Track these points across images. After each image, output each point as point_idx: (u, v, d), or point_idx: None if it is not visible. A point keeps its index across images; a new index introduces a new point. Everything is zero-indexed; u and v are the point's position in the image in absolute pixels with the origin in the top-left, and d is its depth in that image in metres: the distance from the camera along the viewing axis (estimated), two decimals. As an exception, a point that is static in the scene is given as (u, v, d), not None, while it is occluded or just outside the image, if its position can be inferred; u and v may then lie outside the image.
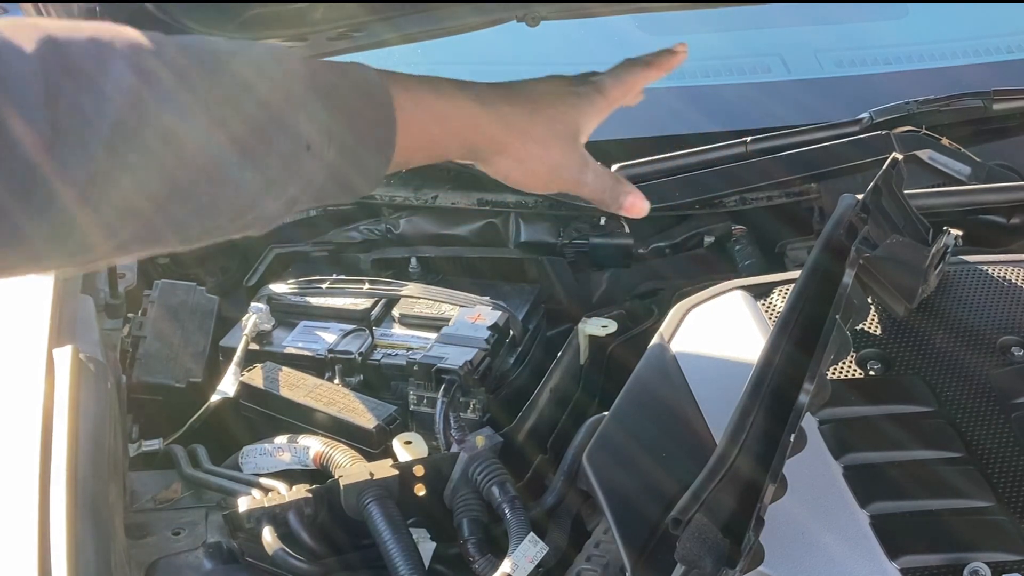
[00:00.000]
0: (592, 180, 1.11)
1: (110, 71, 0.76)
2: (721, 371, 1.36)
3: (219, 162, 0.81)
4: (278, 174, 0.85)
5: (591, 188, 1.12)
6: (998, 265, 1.51)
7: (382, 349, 1.60)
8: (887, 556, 1.13)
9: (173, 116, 0.78)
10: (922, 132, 1.88)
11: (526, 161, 1.07)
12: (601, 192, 1.12)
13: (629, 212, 1.14)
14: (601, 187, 1.12)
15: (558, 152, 1.08)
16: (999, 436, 1.27)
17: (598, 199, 1.13)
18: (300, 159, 0.86)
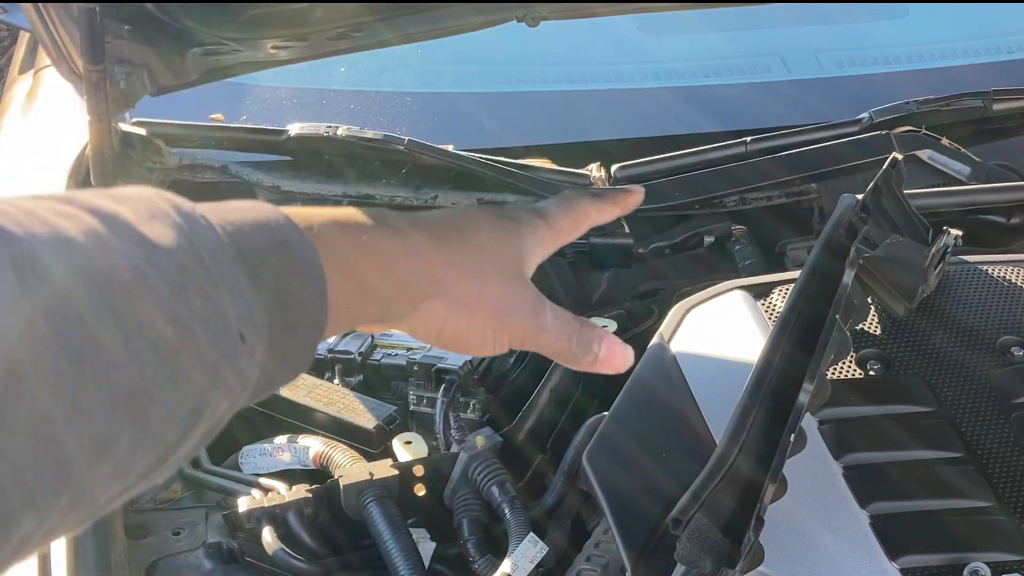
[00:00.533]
0: (552, 323, 0.89)
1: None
2: (721, 371, 1.36)
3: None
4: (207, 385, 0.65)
5: (552, 334, 0.89)
6: (998, 265, 1.51)
7: (382, 349, 1.60)
8: (887, 556, 1.13)
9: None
10: (922, 132, 1.88)
11: (461, 306, 0.85)
12: (566, 339, 0.90)
13: (606, 365, 0.93)
14: (565, 332, 0.90)
15: (499, 289, 0.87)
16: (999, 436, 1.27)
17: (562, 348, 0.91)
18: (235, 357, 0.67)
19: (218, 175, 1.85)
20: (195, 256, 0.65)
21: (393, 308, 0.84)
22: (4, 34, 4.42)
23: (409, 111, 2.06)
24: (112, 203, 0.64)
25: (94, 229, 0.61)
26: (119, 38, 1.57)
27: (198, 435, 0.66)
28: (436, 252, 0.84)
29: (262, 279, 0.70)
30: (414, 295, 0.84)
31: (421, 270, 0.84)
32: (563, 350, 0.91)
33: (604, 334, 0.92)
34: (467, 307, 0.85)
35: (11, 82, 2.31)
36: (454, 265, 0.85)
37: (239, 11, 1.53)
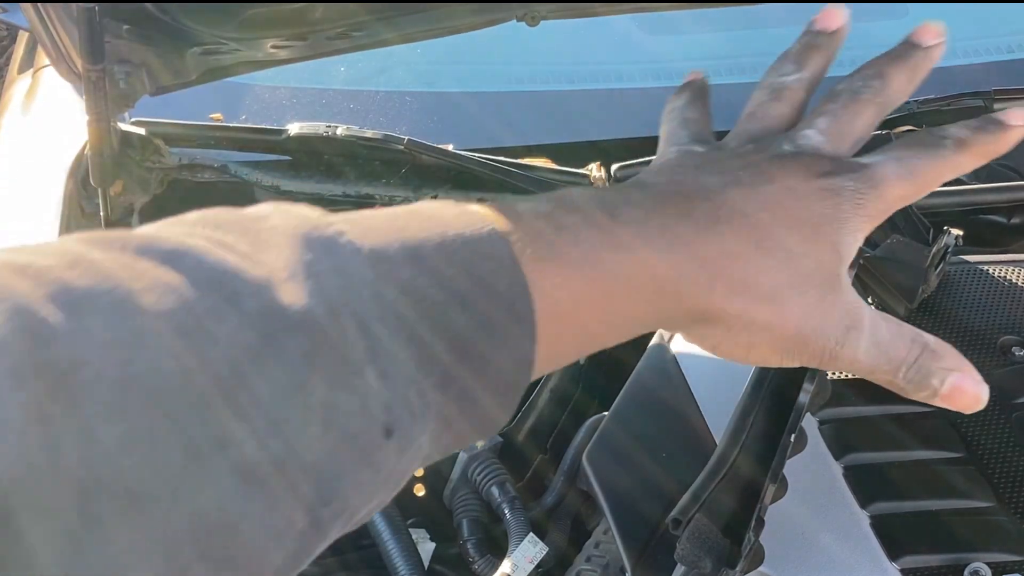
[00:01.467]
0: (866, 353, 0.64)
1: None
2: (721, 371, 1.35)
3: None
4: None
5: (865, 366, 0.65)
6: (998, 265, 1.51)
7: (382, 349, 1.60)
8: (887, 556, 1.13)
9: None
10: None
11: (742, 331, 0.62)
12: (888, 371, 0.66)
13: (947, 402, 0.67)
14: (887, 363, 0.65)
15: (802, 307, 0.62)
16: (999, 436, 1.27)
17: (882, 380, 0.67)
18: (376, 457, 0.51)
19: (217, 175, 1.85)
20: (336, 331, 0.49)
21: (655, 320, 0.64)
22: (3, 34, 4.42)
23: (409, 111, 2.05)
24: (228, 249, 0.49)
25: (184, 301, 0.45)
26: (118, 38, 1.56)
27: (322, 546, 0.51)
28: (716, 246, 0.60)
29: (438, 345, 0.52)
30: (682, 314, 0.62)
31: (688, 274, 0.60)
32: (882, 382, 0.67)
33: (952, 368, 0.66)
34: (750, 332, 0.62)
35: (10, 82, 2.31)
36: (737, 276, 0.61)
37: (239, 11, 1.53)
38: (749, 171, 0.64)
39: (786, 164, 0.64)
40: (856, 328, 0.64)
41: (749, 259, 0.60)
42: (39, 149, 1.95)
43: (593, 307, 0.59)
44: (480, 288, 0.54)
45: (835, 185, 0.64)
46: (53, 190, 1.72)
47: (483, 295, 0.54)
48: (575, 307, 0.58)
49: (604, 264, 0.58)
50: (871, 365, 0.65)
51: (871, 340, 0.64)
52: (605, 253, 0.58)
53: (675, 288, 0.60)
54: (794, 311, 0.62)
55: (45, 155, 1.88)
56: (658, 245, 0.59)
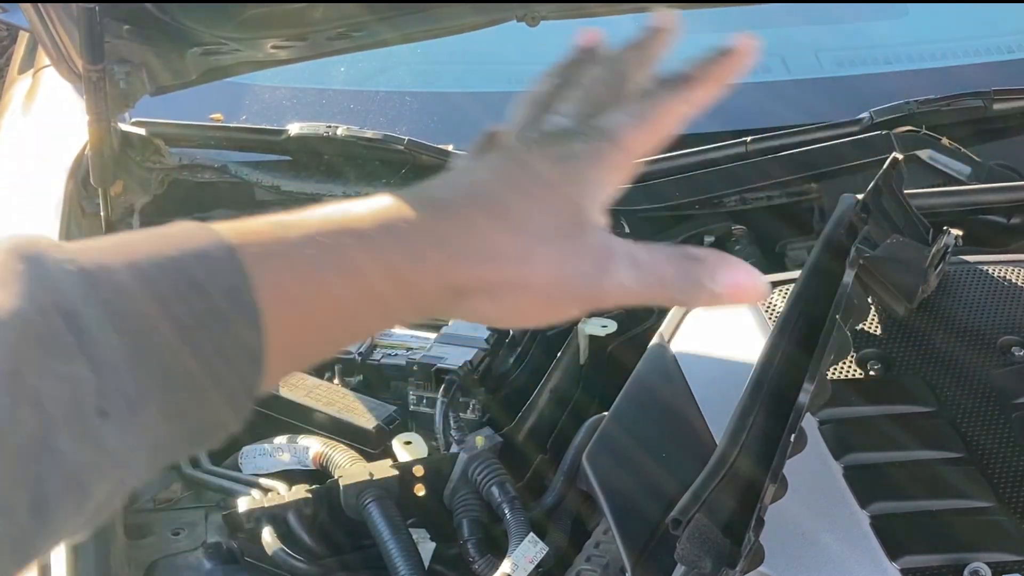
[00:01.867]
0: (629, 279, 0.68)
1: None
2: (721, 371, 1.36)
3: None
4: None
5: (632, 292, 0.68)
6: (998, 265, 1.51)
7: (382, 349, 1.60)
8: (887, 556, 1.13)
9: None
10: (922, 132, 1.88)
11: (504, 294, 0.66)
12: (657, 289, 0.69)
13: (733, 299, 0.72)
14: (653, 283, 0.69)
15: (550, 259, 0.66)
16: (999, 436, 1.27)
17: (658, 299, 0.71)
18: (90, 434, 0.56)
19: (217, 175, 1.85)
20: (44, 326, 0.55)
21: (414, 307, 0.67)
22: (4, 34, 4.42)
23: (409, 111, 2.05)
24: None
25: None
26: (119, 38, 1.57)
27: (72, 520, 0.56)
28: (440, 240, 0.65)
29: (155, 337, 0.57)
30: (435, 300, 0.66)
31: (430, 269, 0.64)
32: (660, 301, 0.71)
33: (716, 264, 0.71)
34: (511, 294, 0.66)
35: (11, 82, 2.31)
36: (479, 247, 0.65)
37: (239, 11, 1.53)
38: (490, 159, 0.71)
39: (528, 145, 0.71)
40: (611, 259, 0.68)
41: (488, 229, 0.65)
42: (39, 149, 1.96)
43: (332, 299, 0.62)
44: (200, 283, 0.58)
45: (566, 151, 0.69)
46: (54, 190, 1.72)
47: (203, 289, 0.58)
48: (311, 298, 0.61)
49: (337, 255, 0.62)
50: (640, 287, 0.68)
51: (631, 266, 0.68)
52: (339, 246, 0.62)
53: (418, 271, 0.64)
54: (544, 263, 0.66)
55: (45, 155, 1.88)
56: (395, 234, 0.63)
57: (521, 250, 0.66)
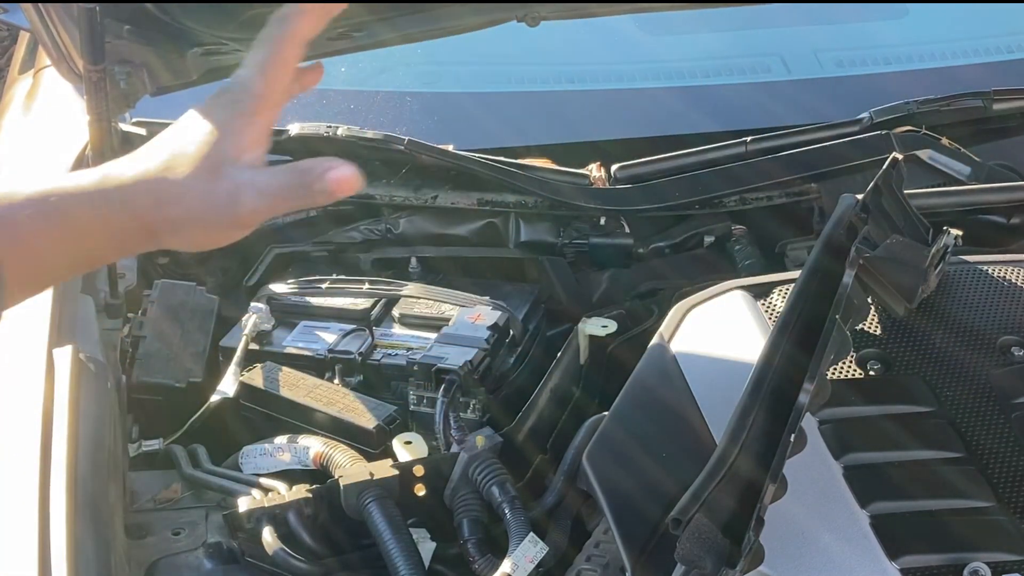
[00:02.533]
0: (256, 199, 0.87)
1: None
2: (721, 371, 1.36)
3: None
4: None
5: (266, 207, 0.88)
6: (998, 265, 1.51)
7: (382, 349, 1.60)
8: (887, 556, 1.13)
9: None
10: (922, 132, 1.88)
11: (182, 229, 0.88)
12: (282, 200, 0.89)
13: (338, 188, 0.89)
14: (278, 196, 0.88)
15: (195, 196, 0.87)
16: (999, 436, 1.27)
17: (284, 208, 0.91)
18: None
19: (218, 175, 1.84)
20: None
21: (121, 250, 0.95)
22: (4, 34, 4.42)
23: (409, 111, 2.05)
24: None
25: None
26: (119, 38, 1.56)
27: None
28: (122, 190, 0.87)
29: None
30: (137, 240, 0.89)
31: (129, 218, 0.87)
32: (289, 209, 0.95)
33: (320, 168, 0.89)
34: (182, 227, 0.88)
35: (11, 82, 2.31)
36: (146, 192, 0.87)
37: (239, 11, 1.53)
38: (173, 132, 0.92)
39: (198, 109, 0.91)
40: (239, 191, 0.87)
41: (156, 184, 0.87)
42: (40, 149, 1.96)
43: (51, 240, 0.85)
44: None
45: (208, 105, 0.90)
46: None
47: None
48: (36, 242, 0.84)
49: (49, 204, 0.84)
50: (269, 206, 0.88)
51: (256, 193, 0.87)
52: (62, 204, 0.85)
53: (121, 219, 0.86)
54: (192, 203, 0.86)
55: (46, 155, 1.88)
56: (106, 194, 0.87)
57: (175, 195, 0.86)
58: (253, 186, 0.87)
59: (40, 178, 0.85)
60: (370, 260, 1.88)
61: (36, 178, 0.85)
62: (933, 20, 2.34)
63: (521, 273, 1.89)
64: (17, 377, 1.36)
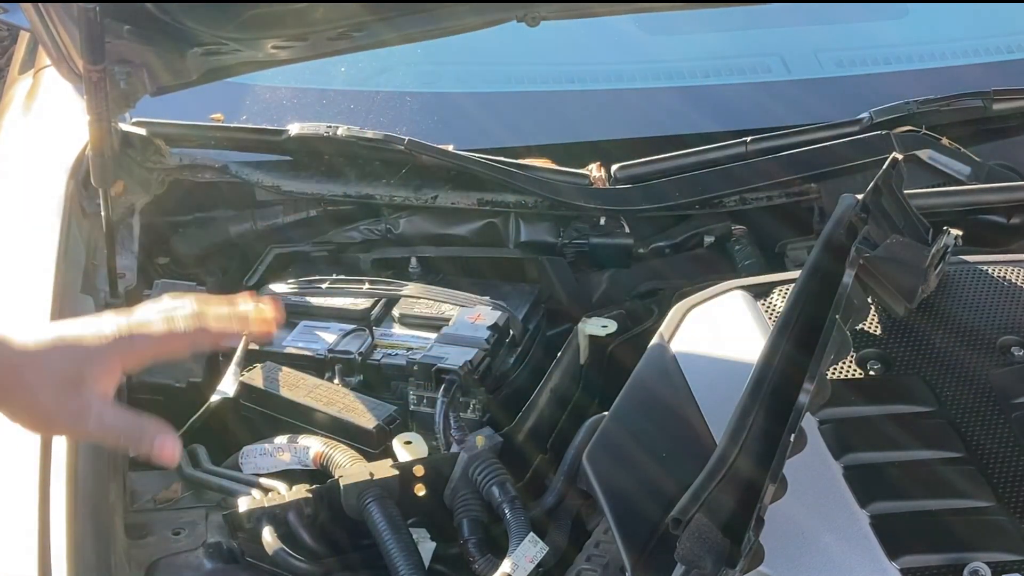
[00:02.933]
0: (96, 427, 1.07)
1: None
2: (721, 371, 1.36)
3: None
4: None
5: (97, 434, 1.09)
6: (998, 265, 1.51)
7: (382, 349, 1.60)
8: (887, 556, 1.13)
9: None
10: (922, 132, 1.88)
11: (17, 413, 1.07)
12: (115, 436, 1.09)
13: (159, 457, 1.09)
14: (115, 432, 1.08)
15: (48, 401, 1.06)
16: (999, 436, 1.27)
17: (114, 443, 1.11)
18: None
19: (218, 175, 1.85)
20: None
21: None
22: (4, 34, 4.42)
23: (409, 111, 2.05)
24: None
25: None
26: (119, 38, 1.57)
27: None
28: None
29: None
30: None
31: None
32: (115, 446, 1.13)
33: (160, 431, 1.08)
34: (24, 411, 1.07)
35: (11, 82, 2.31)
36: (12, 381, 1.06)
37: (239, 11, 1.53)
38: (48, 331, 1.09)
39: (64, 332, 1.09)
40: (87, 412, 1.06)
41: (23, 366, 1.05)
42: (40, 149, 1.96)
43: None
44: None
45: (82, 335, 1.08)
46: (54, 190, 1.72)
47: None
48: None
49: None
50: (103, 435, 1.09)
51: (99, 421, 1.06)
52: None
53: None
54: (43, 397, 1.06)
55: (46, 155, 1.88)
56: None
57: (35, 386, 1.05)
58: (99, 416, 1.07)
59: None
60: (370, 260, 1.88)
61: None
62: (933, 20, 2.34)
63: (521, 273, 1.89)
64: (17, 377, 1.36)
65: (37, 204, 1.73)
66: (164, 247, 1.89)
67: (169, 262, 1.88)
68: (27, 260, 1.59)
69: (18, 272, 1.58)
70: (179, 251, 1.89)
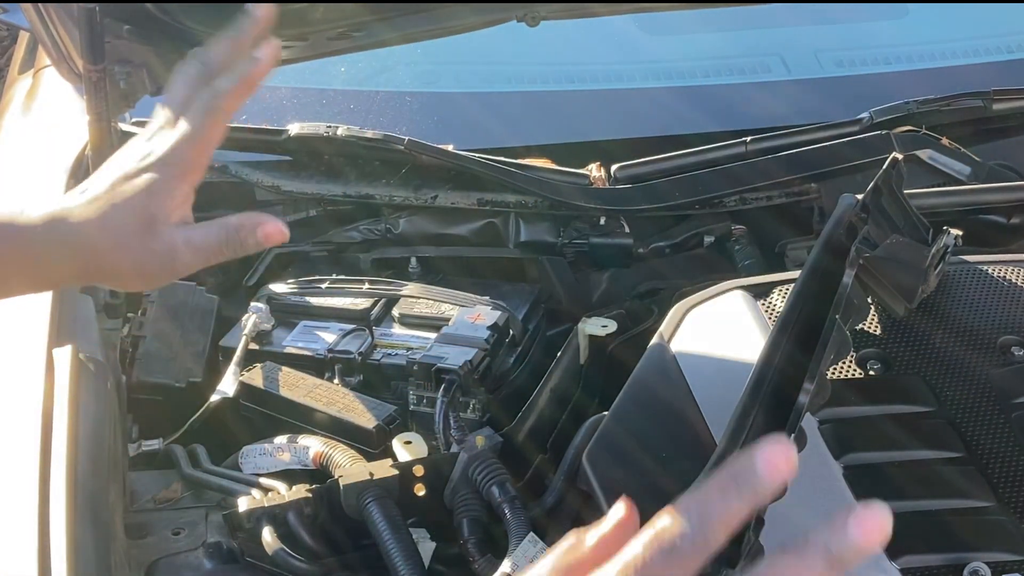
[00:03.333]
0: (192, 257, 1.00)
1: None
2: (721, 371, 1.36)
3: None
4: None
5: (197, 263, 1.01)
6: (998, 265, 1.51)
7: (382, 349, 1.60)
8: (887, 556, 1.13)
9: None
10: (922, 132, 1.88)
11: (106, 275, 1.02)
12: (216, 254, 1.01)
13: (268, 241, 1.01)
14: (212, 250, 1.01)
15: (135, 261, 0.99)
16: (999, 436, 1.27)
17: (220, 259, 1.02)
18: None
19: (218, 175, 1.85)
20: None
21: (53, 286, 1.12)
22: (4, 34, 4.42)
23: (409, 111, 2.05)
24: None
25: None
26: (119, 38, 1.56)
27: None
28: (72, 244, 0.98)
29: None
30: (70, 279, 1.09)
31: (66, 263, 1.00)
32: (224, 258, 1.02)
33: (253, 225, 1.00)
34: (111, 274, 1.02)
35: (11, 82, 2.31)
36: (87, 248, 0.98)
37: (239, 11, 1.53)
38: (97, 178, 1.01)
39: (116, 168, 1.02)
40: (174, 249, 0.98)
41: (89, 235, 0.97)
42: (40, 149, 1.96)
43: (8, 262, 0.97)
44: None
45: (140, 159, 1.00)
46: (54, 190, 1.72)
47: None
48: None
49: (6, 232, 0.96)
50: (204, 259, 1.00)
51: (191, 248, 0.99)
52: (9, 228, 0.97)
53: (59, 263, 0.99)
54: (125, 257, 0.98)
55: (46, 155, 1.88)
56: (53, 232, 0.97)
57: (108, 247, 0.97)
58: (188, 243, 0.99)
59: (4, 207, 0.97)
60: (370, 260, 1.88)
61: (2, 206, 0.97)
62: (933, 20, 2.34)
63: (521, 273, 1.89)
64: (17, 377, 1.36)
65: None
66: (164, 247, 1.89)
67: (169, 262, 1.88)
68: (27, 260, 1.59)
69: (18, 272, 1.58)
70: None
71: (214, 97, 1.02)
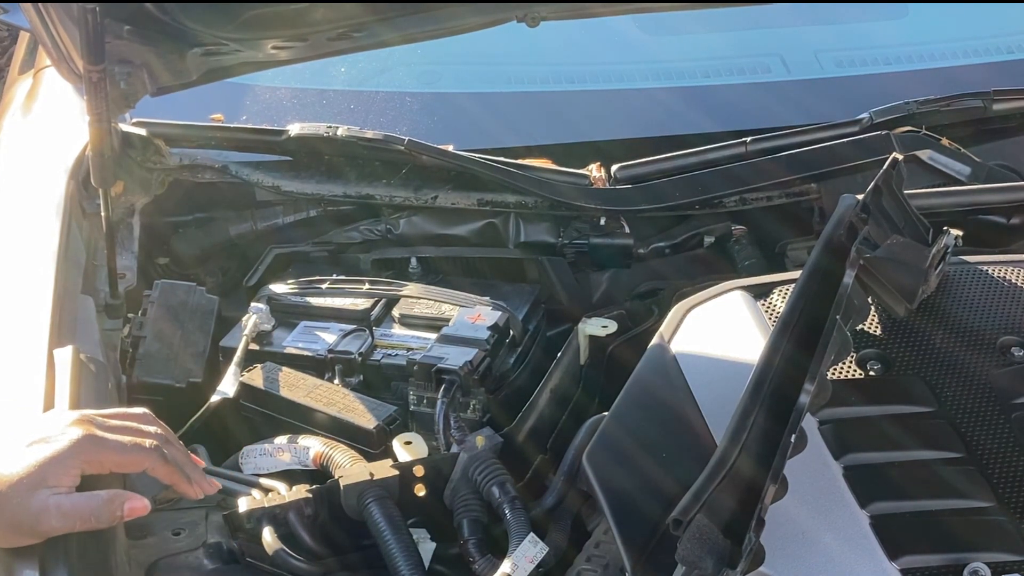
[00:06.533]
0: (60, 522, 1.11)
1: None
2: (721, 371, 1.36)
3: None
4: None
5: (63, 527, 1.11)
6: (998, 265, 1.52)
7: (382, 349, 1.60)
8: (887, 556, 1.13)
9: None
10: (922, 132, 1.88)
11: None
12: (81, 522, 1.12)
13: (132, 514, 1.14)
14: (78, 518, 1.12)
15: (11, 503, 1.10)
16: (999, 436, 1.27)
17: (84, 525, 1.12)
18: None
19: (218, 175, 1.85)
20: None
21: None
22: (4, 34, 4.42)
23: (409, 111, 2.06)
24: None
25: None
26: (119, 38, 1.57)
27: None
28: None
29: None
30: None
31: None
32: (87, 528, 1.12)
33: (119, 501, 1.13)
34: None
35: (11, 82, 2.31)
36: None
37: (239, 11, 1.53)
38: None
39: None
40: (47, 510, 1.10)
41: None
42: (40, 150, 1.96)
43: None
44: None
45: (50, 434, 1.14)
46: (54, 190, 1.72)
47: None
48: None
49: None
50: (69, 523, 1.11)
51: (59, 511, 1.11)
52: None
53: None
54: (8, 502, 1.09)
55: (46, 156, 1.88)
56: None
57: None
58: (58, 508, 1.10)
59: None
60: (370, 260, 1.88)
61: None
62: (933, 20, 2.34)
63: (521, 273, 1.89)
64: (17, 377, 1.36)
65: (37, 205, 1.73)
66: (164, 247, 1.89)
67: (169, 262, 1.88)
68: (27, 261, 1.59)
69: (18, 272, 1.58)
70: (179, 251, 1.89)
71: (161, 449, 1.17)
